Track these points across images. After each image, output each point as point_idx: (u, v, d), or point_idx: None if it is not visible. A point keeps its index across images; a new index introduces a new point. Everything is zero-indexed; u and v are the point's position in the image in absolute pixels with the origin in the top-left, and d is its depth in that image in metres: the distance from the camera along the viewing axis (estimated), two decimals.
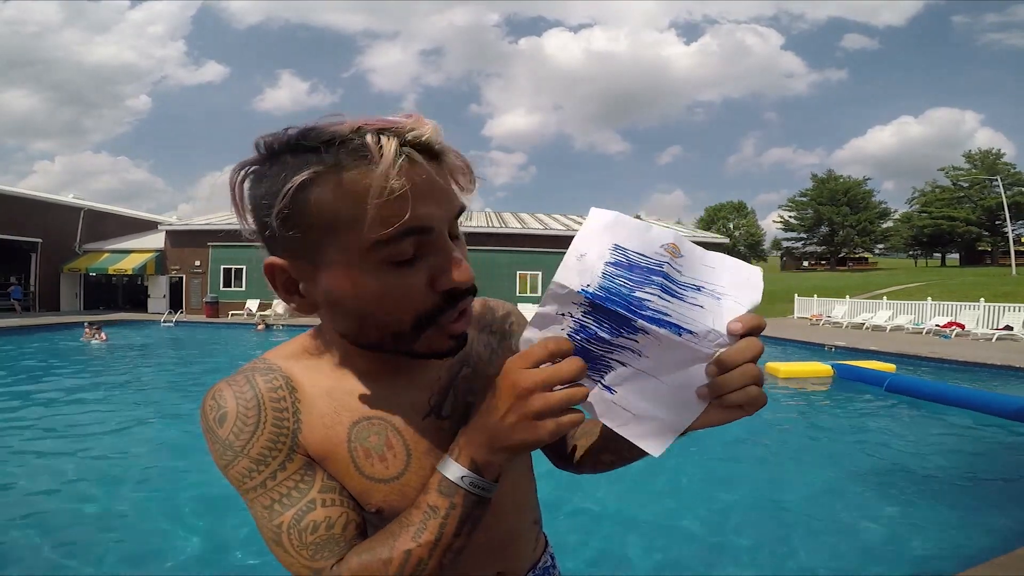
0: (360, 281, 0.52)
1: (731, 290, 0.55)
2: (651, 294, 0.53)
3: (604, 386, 0.55)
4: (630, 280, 0.53)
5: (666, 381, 0.55)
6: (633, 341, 0.53)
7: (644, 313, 0.52)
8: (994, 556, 2.53)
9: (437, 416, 0.64)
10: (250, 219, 0.55)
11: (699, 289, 0.55)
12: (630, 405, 0.55)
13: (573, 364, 0.50)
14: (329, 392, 0.61)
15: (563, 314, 0.53)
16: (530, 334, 0.53)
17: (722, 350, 0.52)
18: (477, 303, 0.74)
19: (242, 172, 0.54)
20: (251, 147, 0.53)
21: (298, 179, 0.49)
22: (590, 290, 0.52)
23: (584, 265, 0.53)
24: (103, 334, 12.45)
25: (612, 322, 0.52)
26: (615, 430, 0.56)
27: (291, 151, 0.51)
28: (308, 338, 0.66)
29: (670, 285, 0.54)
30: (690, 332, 0.53)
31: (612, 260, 0.54)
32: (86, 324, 12.92)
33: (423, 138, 0.51)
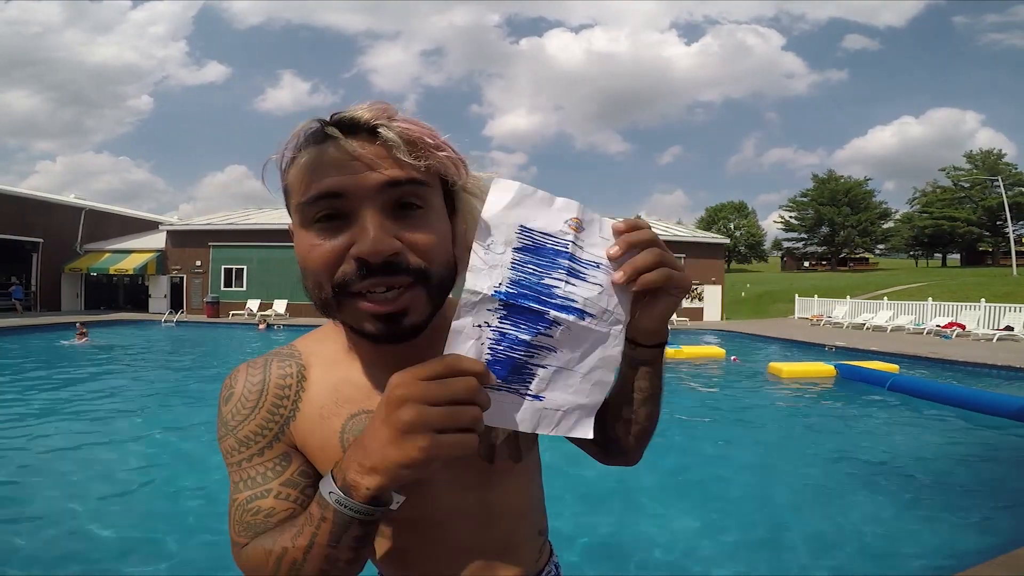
0: (298, 238, 0.58)
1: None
2: (558, 280, 0.54)
3: (532, 396, 0.55)
4: (538, 266, 0.54)
5: (580, 370, 0.56)
6: (548, 337, 0.54)
7: (554, 302, 0.54)
8: (995, 556, 2.53)
9: None
10: None
11: (597, 266, 0.56)
12: (557, 404, 0.56)
13: (465, 383, 0.47)
14: (337, 385, 0.64)
15: (479, 325, 0.52)
16: (450, 351, 0.51)
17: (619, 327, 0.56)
18: None
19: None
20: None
21: (273, 157, 0.59)
22: (502, 290, 0.52)
23: (492, 258, 0.52)
24: (85, 335, 12.19)
25: (528, 320, 0.53)
26: (548, 433, 0.57)
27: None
28: (336, 326, 0.68)
29: (574, 266, 0.55)
30: (591, 315, 0.55)
31: (519, 245, 0.53)
32: (79, 325, 12.68)
33: (346, 116, 0.56)
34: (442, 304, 0.60)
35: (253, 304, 19.82)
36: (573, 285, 0.54)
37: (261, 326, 16.52)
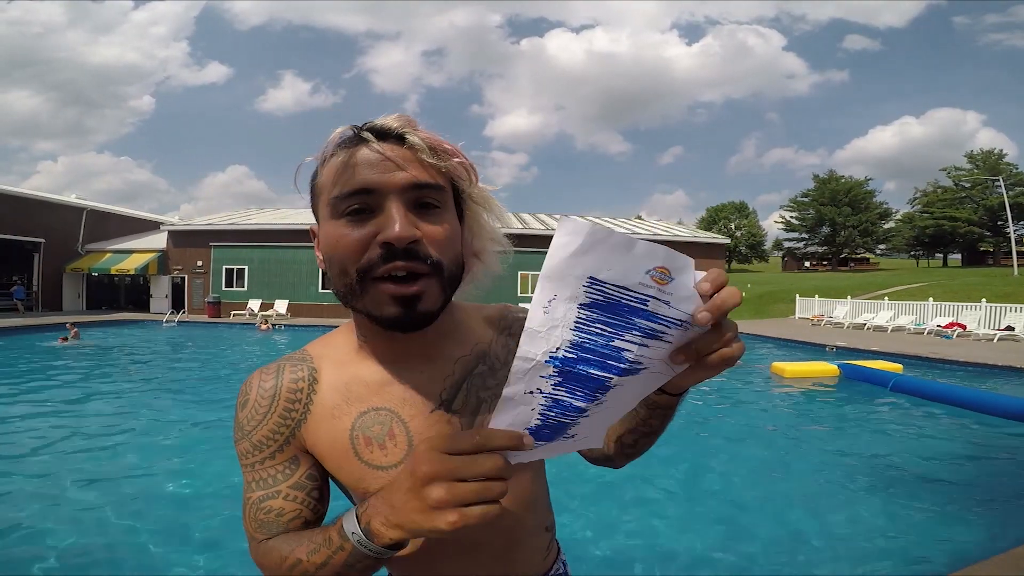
0: (326, 229, 0.63)
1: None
2: (630, 342, 0.46)
3: (566, 437, 0.53)
4: (608, 325, 0.46)
5: (624, 408, 0.54)
6: (604, 399, 0.49)
7: (620, 367, 0.47)
8: (995, 554, 2.54)
9: (447, 409, 0.67)
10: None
11: (681, 324, 0.47)
12: (581, 433, 0.54)
13: (494, 463, 0.47)
14: (347, 384, 0.68)
15: (531, 392, 0.48)
16: (497, 420, 0.49)
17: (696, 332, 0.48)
18: (498, 307, 0.80)
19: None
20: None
21: (308, 159, 0.66)
22: (559, 355, 0.46)
23: (552, 319, 0.45)
24: (77, 336, 12.12)
25: (586, 387, 0.48)
26: (562, 454, 0.56)
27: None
28: (345, 328, 0.74)
29: (653, 326, 0.46)
30: (647, 369, 0.49)
31: (586, 301, 0.45)
32: (69, 325, 12.59)
33: (378, 123, 0.63)
34: (450, 299, 0.64)
35: (254, 304, 19.83)
36: (647, 347, 0.47)
37: (262, 326, 16.53)
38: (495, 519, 0.48)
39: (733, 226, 70.40)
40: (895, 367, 8.47)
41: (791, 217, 65.82)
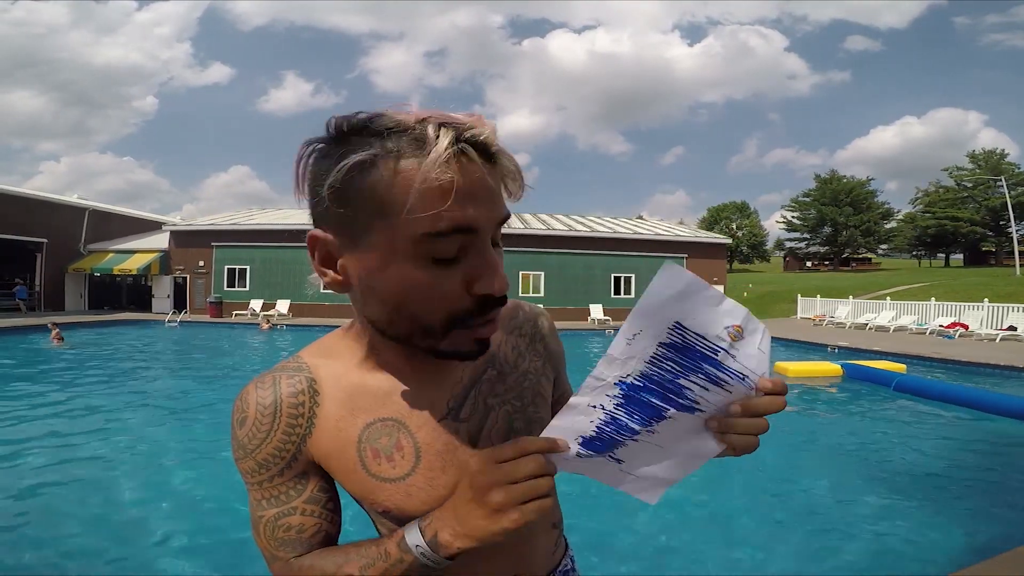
0: (400, 270, 0.53)
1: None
2: (694, 383, 0.52)
3: (614, 459, 0.57)
4: (679, 365, 0.51)
5: (672, 452, 0.57)
6: (656, 428, 0.54)
7: (680, 402, 0.52)
8: (997, 553, 2.53)
9: (454, 418, 0.65)
10: (306, 191, 0.56)
11: (743, 379, 0.52)
12: (634, 470, 0.58)
13: (536, 462, 0.53)
14: (350, 394, 0.63)
15: (594, 406, 0.54)
16: (559, 421, 0.55)
17: (751, 394, 0.54)
18: (507, 304, 0.74)
19: (310, 148, 0.55)
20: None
21: (356, 158, 0.50)
22: (627, 381, 0.52)
23: (632, 351, 0.51)
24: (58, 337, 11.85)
25: (644, 413, 0.53)
26: (611, 486, 0.59)
27: (357, 133, 0.52)
28: (342, 333, 0.69)
29: (718, 373, 0.51)
30: (703, 412, 0.54)
31: (667, 341, 0.50)
32: (51, 324, 12.36)
33: (481, 137, 0.51)
34: None
35: (256, 304, 19.84)
36: (707, 390, 0.52)
37: (264, 326, 16.54)
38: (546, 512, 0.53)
39: (734, 226, 70.32)
40: (898, 367, 8.46)
41: (792, 217, 65.75)
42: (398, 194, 0.50)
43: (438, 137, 0.49)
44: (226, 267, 21.12)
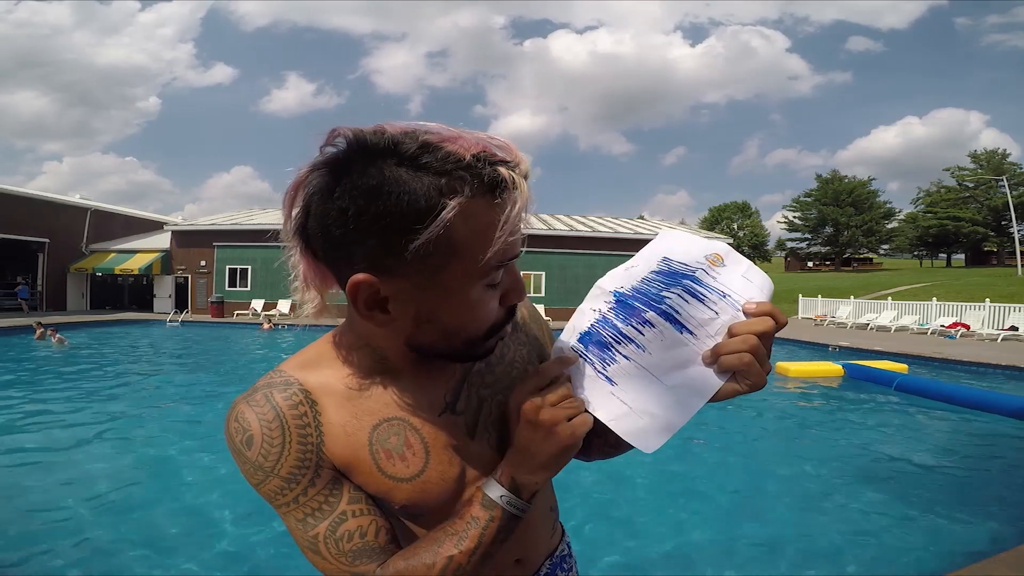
0: (468, 302, 0.56)
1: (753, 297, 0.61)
2: (673, 293, 0.59)
3: (606, 377, 0.60)
4: (663, 283, 0.61)
5: (666, 381, 0.58)
6: (639, 333, 0.59)
7: (658, 307, 0.59)
8: (998, 552, 2.54)
9: (452, 412, 0.66)
10: (316, 223, 0.52)
11: (724, 296, 0.59)
12: (628, 399, 0.59)
13: (563, 387, 0.59)
14: (348, 399, 0.62)
15: (593, 309, 0.64)
16: (565, 336, 0.65)
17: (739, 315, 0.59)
18: None
19: (315, 173, 0.52)
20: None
21: (448, 214, 0.48)
22: (620, 291, 0.63)
23: (629, 275, 0.64)
24: (57, 336, 11.77)
25: (627, 313, 0.61)
26: (606, 423, 0.59)
27: (403, 164, 0.49)
28: (327, 343, 0.66)
29: (696, 287, 0.60)
30: (690, 332, 0.58)
31: (657, 269, 0.63)
32: (36, 324, 12.36)
33: (526, 171, 0.53)
34: None
35: (257, 304, 19.90)
36: (686, 301, 0.59)
37: (265, 326, 16.56)
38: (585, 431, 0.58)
39: (736, 226, 70.24)
40: (900, 367, 8.45)
41: (794, 217, 65.62)
42: (474, 236, 0.51)
43: (515, 186, 0.51)
44: (227, 267, 21.16)
